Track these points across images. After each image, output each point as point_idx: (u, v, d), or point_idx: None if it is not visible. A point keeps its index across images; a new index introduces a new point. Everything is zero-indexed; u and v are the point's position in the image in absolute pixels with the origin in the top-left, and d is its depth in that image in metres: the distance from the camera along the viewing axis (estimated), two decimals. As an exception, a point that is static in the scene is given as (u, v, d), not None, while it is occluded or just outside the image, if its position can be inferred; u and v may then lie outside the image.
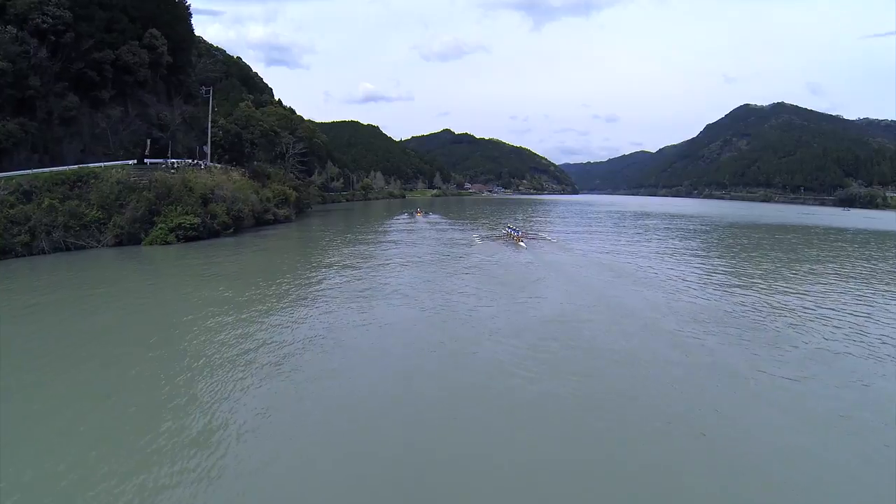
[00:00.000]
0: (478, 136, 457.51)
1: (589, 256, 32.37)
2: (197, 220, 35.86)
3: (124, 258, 30.85)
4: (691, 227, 63.86)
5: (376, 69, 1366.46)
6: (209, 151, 52.28)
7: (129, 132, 46.27)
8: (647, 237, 48.43)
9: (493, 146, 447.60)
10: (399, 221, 62.85)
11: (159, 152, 46.61)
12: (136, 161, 40.81)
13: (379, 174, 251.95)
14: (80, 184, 35.48)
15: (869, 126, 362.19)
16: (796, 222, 79.49)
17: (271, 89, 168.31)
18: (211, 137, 53.37)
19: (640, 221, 71.42)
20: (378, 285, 22.38)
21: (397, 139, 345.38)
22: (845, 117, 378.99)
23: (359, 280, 23.69)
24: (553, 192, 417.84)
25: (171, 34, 51.55)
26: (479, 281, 23.20)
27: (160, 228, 34.22)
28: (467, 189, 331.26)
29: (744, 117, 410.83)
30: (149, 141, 44.90)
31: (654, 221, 72.10)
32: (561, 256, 31.96)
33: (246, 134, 58.60)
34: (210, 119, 53.35)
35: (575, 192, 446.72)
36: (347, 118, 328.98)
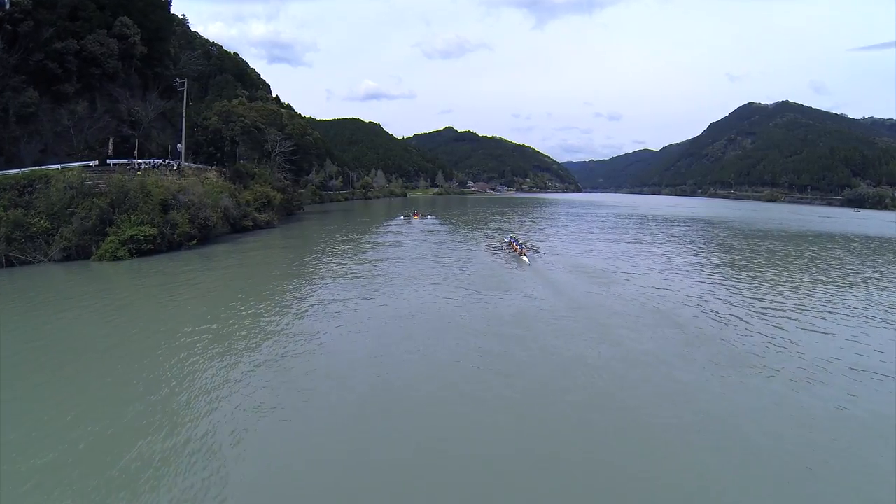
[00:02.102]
0: (480, 134, 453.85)
1: (639, 297, 22.63)
2: (153, 231, 31.26)
3: (60, 278, 26.44)
4: (724, 235, 56.80)
5: (378, 67, 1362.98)
6: (183, 150, 47.86)
7: (95, 129, 42.06)
8: (687, 252, 40.27)
9: (496, 144, 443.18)
10: (393, 227, 57.64)
11: (130, 151, 42.54)
12: (97, 162, 36.63)
13: (380, 172, 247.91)
14: (30, 189, 31.41)
15: (874, 125, 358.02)
16: (830, 229, 72.23)
17: (268, 85, 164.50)
18: (185, 135, 48.97)
19: (663, 230, 63.15)
20: (330, 369, 13.88)
21: (399, 137, 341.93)
22: (850, 116, 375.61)
23: (310, 347, 15.58)
24: (556, 190, 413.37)
25: (146, 22, 47.22)
26: (478, 368, 14.05)
27: (111, 241, 29.80)
28: (470, 188, 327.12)
29: (748, 116, 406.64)
30: (112, 139, 40.69)
31: (682, 229, 64.61)
32: (591, 292, 23.65)
33: (226, 130, 53.89)
34: (185, 115, 48.88)
35: (578, 191, 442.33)
36: (349, 116, 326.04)
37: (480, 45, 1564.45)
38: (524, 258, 30.98)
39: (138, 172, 36.74)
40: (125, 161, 38.93)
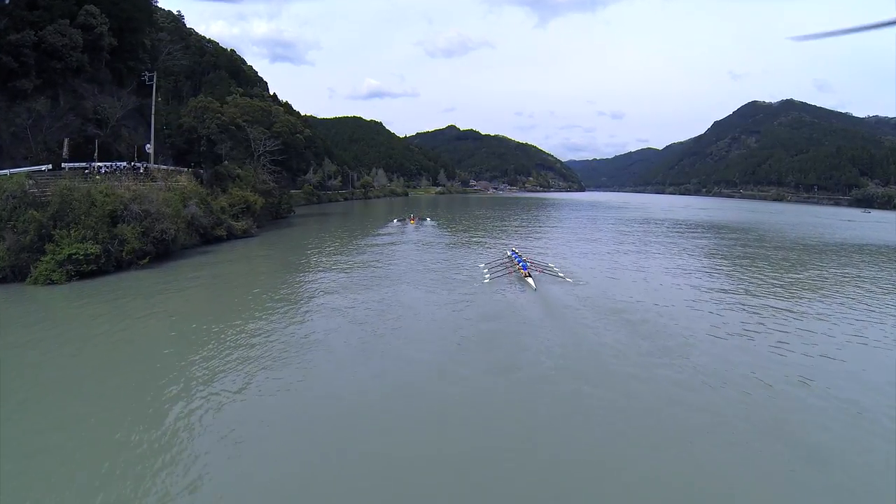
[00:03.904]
0: (483, 133, 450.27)
1: (738, 388, 14.56)
2: (96, 249, 26.67)
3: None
4: (768, 250, 47.55)
5: (381, 65, 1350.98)
6: (152, 151, 43.70)
7: (56, 129, 38.23)
8: (747, 279, 31.94)
9: (499, 142, 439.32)
10: (385, 235, 52.46)
11: (94, 153, 38.70)
12: (51, 166, 32.75)
13: (381, 171, 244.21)
14: (-31, 198, 27.51)
15: (879, 124, 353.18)
16: (866, 237, 65.86)
17: (265, 82, 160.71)
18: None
19: (692, 240, 54.78)
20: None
21: (402, 135, 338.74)
22: (855, 115, 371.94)
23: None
24: (560, 189, 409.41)
25: (115, 12, 43.13)
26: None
27: (46, 262, 25.52)
28: (472, 186, 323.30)
29: (752, 114, 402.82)
30: (67, 140, 36.68)
31: (714, 240, 55.72)
32: (648, 378, 15.16)
33: (202, 129, 49.57)
34: (154, 112, 44.52)
35: (581, 190, 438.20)
36: (351, 114, 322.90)
37: (483, 44, 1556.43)
38: (529, 281, 26.68)
39: (97, 177, 32.90)
40: (83, 165, 34.95)
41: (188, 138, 48.88)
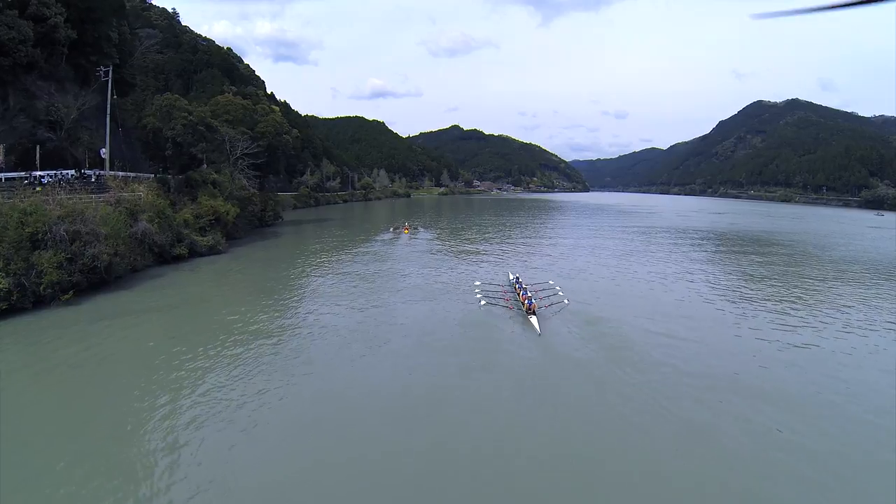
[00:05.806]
0: (487, 133, 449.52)
1: None
2: (5, 283, 21.53)
3: None
4: (828, 275, 38.58)
5: (384, 65, 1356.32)
6: (107, 156, 39.18)
7: (3, 132, 33.98)
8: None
9: (503, 142, 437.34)
10: (372, 253, 45.13)
11: (44, 159, 34.45)
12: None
13: (383, 172, 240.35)
14: None
15: (885, 124, 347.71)
16: None
17: (262, 81, 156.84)
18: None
19: (730, 264, 43.91)
20: None
21: (405, 135, 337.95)
22: (860, 114, 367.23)
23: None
24: (564, 189, 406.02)
25: (74, 1, 38.96)
26: None
27: None
28: (476, 187, 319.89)
29: (757, 114, 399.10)
30: (3, 147, 32.39)
31: (752, 264, 43.74)
32: None
33: (168, 130, 45.22)
34: (109, 112, 39.97)
35: (586, 190, 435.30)
36: (354, 114, 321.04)
37: (486, 43, 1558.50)
38: (533, 319, 21.98)
39: (37, 189, 28.64)
40: (21, 174, 30.58)
41: (154, 140, 44.52)
